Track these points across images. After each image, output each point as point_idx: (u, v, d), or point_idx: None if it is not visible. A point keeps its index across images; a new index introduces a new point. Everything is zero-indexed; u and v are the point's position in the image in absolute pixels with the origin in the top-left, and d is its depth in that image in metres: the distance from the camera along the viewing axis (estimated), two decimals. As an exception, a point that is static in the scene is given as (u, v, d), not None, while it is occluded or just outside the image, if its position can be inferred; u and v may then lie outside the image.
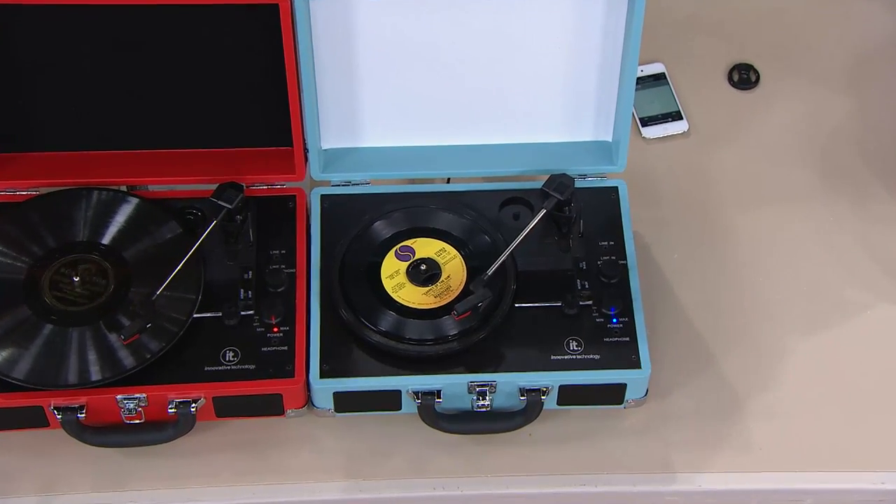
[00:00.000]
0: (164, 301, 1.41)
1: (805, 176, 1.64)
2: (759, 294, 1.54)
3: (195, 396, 1.40)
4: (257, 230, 1.48)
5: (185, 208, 1.50)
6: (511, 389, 1.41)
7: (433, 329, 1.42)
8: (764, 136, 1.67)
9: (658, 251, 1.57)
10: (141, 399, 1.39)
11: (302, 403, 1.43)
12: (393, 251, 1.47)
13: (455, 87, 1.49)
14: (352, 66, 1.47)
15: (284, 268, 1.46)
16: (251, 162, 1.51)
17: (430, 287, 1.45)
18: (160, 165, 1.51)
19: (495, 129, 1.53)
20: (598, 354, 1.41)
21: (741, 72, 1.72)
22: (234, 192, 1.45)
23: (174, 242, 1.46)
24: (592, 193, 1.52)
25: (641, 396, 1.44)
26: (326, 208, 1.50)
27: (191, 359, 1.41)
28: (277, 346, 1.42)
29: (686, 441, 1.45)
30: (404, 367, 1.41)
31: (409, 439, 1.44)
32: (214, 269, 1.46)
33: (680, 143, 1.67)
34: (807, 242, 1.58)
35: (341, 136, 1.53)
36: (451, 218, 1.49)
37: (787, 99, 1.70)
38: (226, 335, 1.42)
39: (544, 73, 1.48)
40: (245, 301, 1.43)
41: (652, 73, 1.71)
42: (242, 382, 1.40)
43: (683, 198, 1.62)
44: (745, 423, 1.46)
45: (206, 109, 1.49)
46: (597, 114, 1.52)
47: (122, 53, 1.44)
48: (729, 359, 1.50)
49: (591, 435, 1.45)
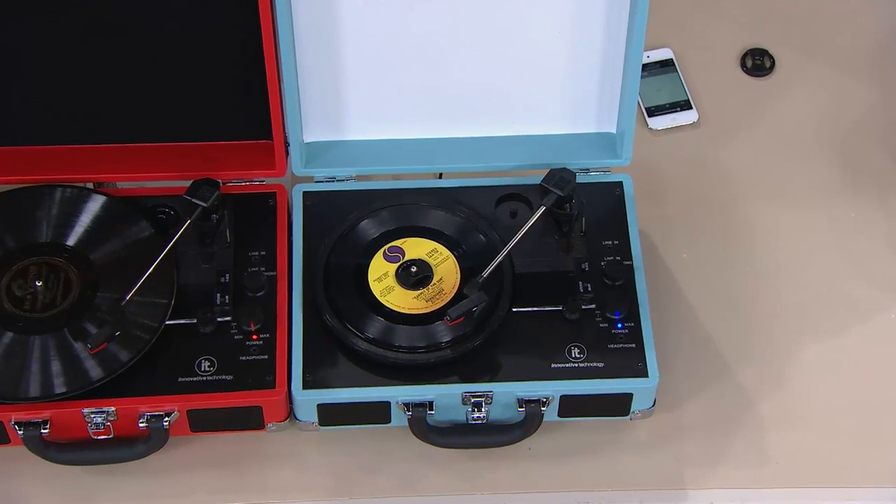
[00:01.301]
0: (134, 307, 1.41)
1: (824, 170, 1.64)
2: (775, 297, 1.55)
3: (168, 409, 1.40)
4: (235, 230, 1.49)
5: (157, 207, 1.50)
6: (508, 400, 1.42)
7: (424, 336, 1.42)
8: (780, 127, 1.67)
9: (666, 251, 1.57)
10: (109, 413, 1.39)
11: (284, 416, 1.44)
12: (381, 252, 1.47)
13: (447, 74, 1.49)
14: (336, 53, 1.47)
15: (264, 270, 1.46)
16: (228, 156, 1.52)
17: (421, 290, 1.45)
18: (129, 160, 1.51)
19: (490, 121, 1.53)
20: (602, 362, 1.42)
21: (755, 57, 1.72)
22: (209, 189, 1.45)
23: (145, 243, 1.46)
24: (595, 189, 1.52)
25: (649, 407, 1.45)
26: (309, 206, 1.51)
27: (163, 369, 1.41)
28: (257, 354, 1.42)
29: (697, 455, 1.45)
30: (393, 376, 1.41)
31: (398, 454, 1.44)
32: (188, 272, 1.46)
33: (689, 134, 1.67)
34: (826, 242, 1.59)
35: (325, 128, 1.53)
36: (443, 216, 1.50)
37: (805, 87, 1.70)
38: (201, 343, 1.42)
39: (543, 59, 1.48)
40: (222, 306, 1.44)
41: (659, 59, 1.72)
42: (219, 394, 1.40)
43: (693, 193, 1.62)
44: (760, 436, 1.46)
45: (179, 100, 1.49)
46: (599, 103, 1.52)
47: (89, 41, 1.44)
48: (743, 366, 1.50)
49: (595, 449, 1.45)
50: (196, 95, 1.48)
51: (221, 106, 1.49)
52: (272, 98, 1.45)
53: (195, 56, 1.45)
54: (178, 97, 1.48)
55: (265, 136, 1.50)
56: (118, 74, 1.46)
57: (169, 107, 1.49)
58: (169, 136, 1.51)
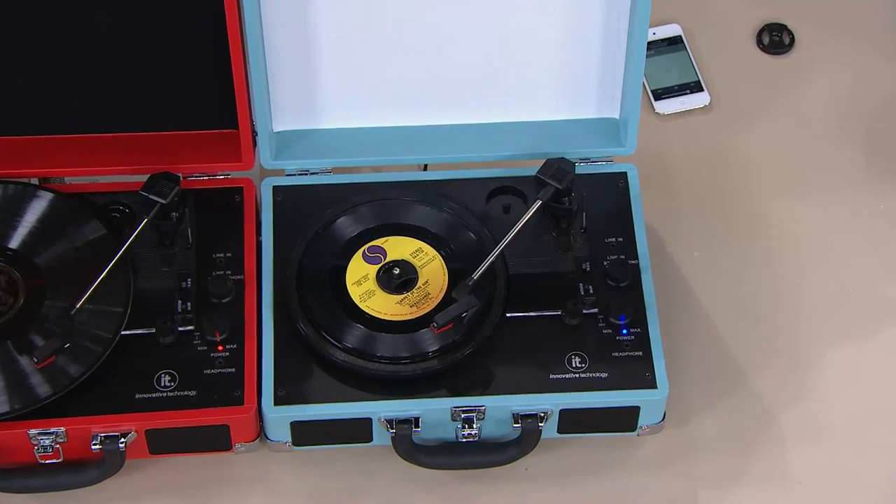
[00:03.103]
0: (86, 316, 1.41)
1: (849, 158, 1.64)
2: (797, 299, 1.55)
3: (124, 430, 1.39)
4: (197, 229, 1.48)
5: (110, 204, 1.50)
6: (503, 415, 1.41)
7: (409, 345, 1.42)
8: (800, 110, 1.67)
9: (675, 249, 1.57)
10: (58, 434, 1.39)
11: (253, 436, 1.43)
12: (360, 253, 1.47)
13: (432, 54, 1.49)
14: (309, 32, 1.46)
15: (230, 274, 1.46)
16: (189, 148, 1.51)
17: (405, 295, 1.45)
18: (79, 153, 1.51)
19: (480, 106, 1.53)
20: (606, 372, 1.42)
21: (773, 33, 1.72)
22: (168, 185, 1.44)
23: (97, 245, 1.46)
24: (597, 181, 1.52)
25: (658, 422, 1.45)
26: (280, 202, 1.51)
27: (118, 385, 1.41)
28: (223, 367, 1.42)
29: (712, 475, 1.45)
30: (375, 390, 1.41)
31: (382, 477, 1.44)
32: (146, 276, 1.46)
33: (700, 119, 1.67)
34: (851, 237, 1.59)
35: (297, 116, 1.53)
36: (428, 212, 1.49)
37: (829, 65, 1.70)
38: (160, 356, 1.42)
39: (537, 36, 1.48)
40: (183, 314, 1.44)
41: (666, 36, 1.72)
42: (181, 412, 1.40)
43: (705, 185, 1.62)
44: (782, 453, 1.46)
45: (135, 85, 1.48)
46: (601, 85, 1.52)
47: (29, 19, 1.43)
48: (761, 376, 1.50)
49: (599, 469, 1.45)
50: (153, 80, 1.48)
51: (181, 91, 1.49)
52: (237, 82, 1.44)
53: (151, 35, 1.45)
54: (133, 82, 1.48)
55: (230, 124, 1.49)
56: (64, 56, 1.46)
57: (123, 93, 1.49)
58: (123, 126, 1.51)
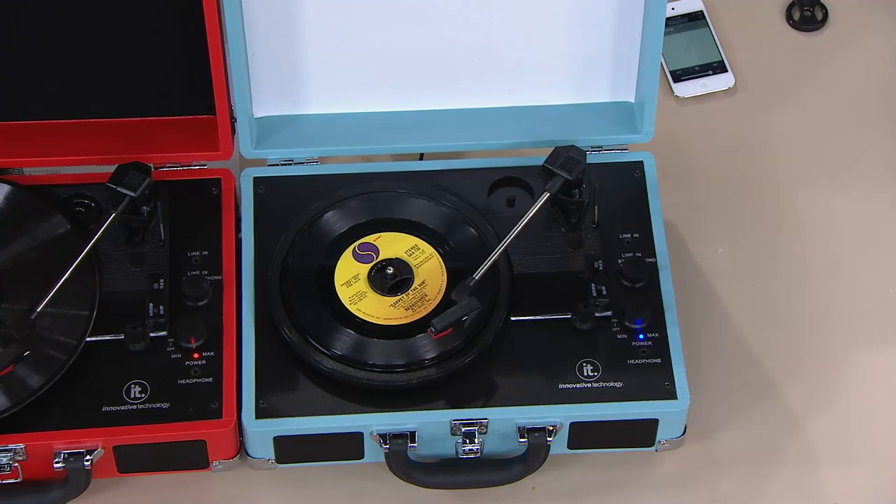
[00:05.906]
0: (48, 321, 1.41)
1: (886, 145, 1.64)
2: (829, 301, 1.56)
3: (90, 446, 1.39)
4: (170, 225, 1.48)
5: (74, 197, 1.50)
6: (507, 429, 1.41)
7: (404, 351, 1.42)
8: (834, 92, 1.68)
9: (696, 245, 1.58)
10: (17, 451, 1.38)
11: (233, 453, 1.43)
12: (350, 251, 1.47)
13: (428, 33, 1.49)
14: (292, 8, 1.46)
15: (207, 274, 1.46)
16: (161, 135, 1.52)
17: (400, 296, 1.45)
18: (39, 141, 1.51)
19: (482, 89, 1.53)
20: (621, 381, 1.42)
21: (804, 8, 1.72)
22: (138, 176, 1.44)
23: (60, 243, 1.46)
24: (610, 171, 1.52)
25: (678, 436, 1.45)
26: (262, 195, 1.51)
27: (83, 396, 1.40)
28: (199, 377, 1.42)
29: (736, 494, 1.45)
30: (367, 402, 1.41)
31: (374, 497, 1.44)
32: (114, 277, 1.46)
33: (724, 102, 1.68)
34: (891, 232, 1.59)
35: (279, 100, 1.53)
36: (425, 206, 1.49)
37: (864, 43, 1.71)
38: (130, 364, 1.42)
39: (545, 13, 1.48)
40: (155, 319, 1.44)
41: (686, 12, 1.72)
42: (153, 426, 1.39)
43: (728, 175, 1.63)
44: (812, 470, 1.47)
45: (102, 67, 1.48)
46: (615, 67, 1.53)
47: None
48: (791, 385, 1.51)
49: (614, 488, 1.45)
50: (121, 60, 1.48)
51: (152, 73, 1.49)
52: (214, 65, 1.45)
53: (118, 10, 1.44)
54: (99, 62, 1.48)
55: (206, 109, 1.50)
56: (24, 37, 1.46)
57: (87, 74, 1.49)
58: (87, 111, 1.52)
